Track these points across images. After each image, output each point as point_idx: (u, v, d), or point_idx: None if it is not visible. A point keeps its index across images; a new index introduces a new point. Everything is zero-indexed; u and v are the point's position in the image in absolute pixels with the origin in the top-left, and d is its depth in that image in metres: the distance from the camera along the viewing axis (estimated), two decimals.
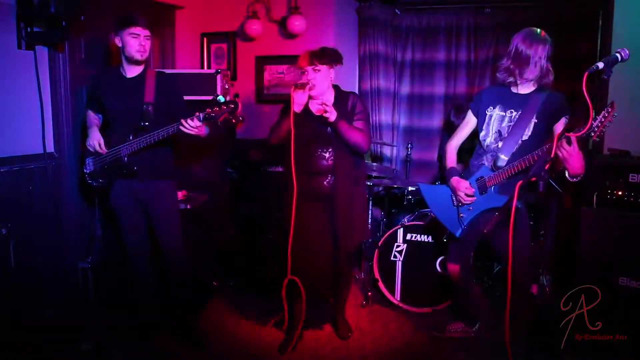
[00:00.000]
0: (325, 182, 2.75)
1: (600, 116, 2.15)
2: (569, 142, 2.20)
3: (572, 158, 2.22)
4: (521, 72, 2.55)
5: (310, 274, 2.81)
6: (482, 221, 2.65)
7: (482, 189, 2.66)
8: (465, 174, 2.75)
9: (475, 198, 2.67)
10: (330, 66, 2.71)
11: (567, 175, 2.30)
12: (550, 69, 2.55)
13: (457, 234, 2.74)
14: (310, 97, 2.72)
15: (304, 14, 4.13)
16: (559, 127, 2.52)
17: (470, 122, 2.83)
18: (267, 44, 4.36)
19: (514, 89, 2.64)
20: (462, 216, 2.72)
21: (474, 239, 2.80)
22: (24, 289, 3.00)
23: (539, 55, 2.50)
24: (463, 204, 2.71)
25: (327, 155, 2.74)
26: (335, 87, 2.82)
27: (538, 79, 2.57)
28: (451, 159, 2.84)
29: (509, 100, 2.64)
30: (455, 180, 2.72)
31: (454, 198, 2.76)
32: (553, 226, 3.49)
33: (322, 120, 2.66)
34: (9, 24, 2.94)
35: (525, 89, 2.61)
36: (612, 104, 2.16)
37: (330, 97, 2.77)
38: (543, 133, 2.57)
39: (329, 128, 2.71)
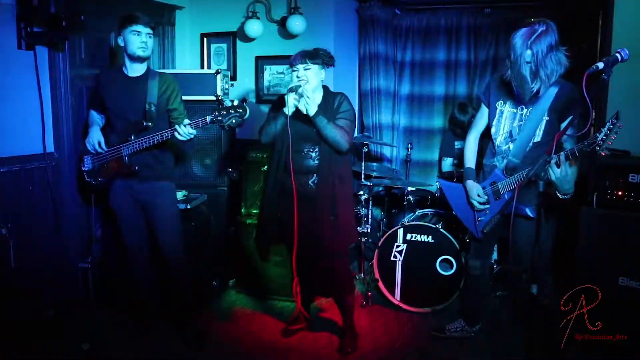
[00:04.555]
0: (310, 182, 2.75)
1: (606, 129, 2.02)
2: (558, 165, 2.14)
3: (563, 180, 2.18)
4: (523, 93, 2.36)
5: (300, 273, 2.85)
6: (501, 224, 2.63)
7: (496, 194, 2.62)
8: (480, 176, 2.72)
9: (488, 205, 2.65)
10: (321, 66, 2.71)
11: (557, 193, 2.25)
12: (560, 58, 2.31)
13: (477, 236, 2.74)
14: (301, 97, 2.69)
15: (304, 14, 4.12)
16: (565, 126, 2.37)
17: (484, 113, 2.71)
18: (267, 44, 4.35)
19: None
20: (479, 220, 2.71)
21: (493, 240, 2.83)
22: (24, 289, 3.00)
23: (538, 59, 2.27)
24: (478, 209, 2.69)
25: (313, 154, 2.74)
26: (324, 88, 2.83)
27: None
28: (470, 157, 2.77)
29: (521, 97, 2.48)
30: (470, 184, 2.70)
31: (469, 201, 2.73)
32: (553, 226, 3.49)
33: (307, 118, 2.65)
34: (9, 24, 2.94)
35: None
36: (617, 114, 2.02)
37: (318, 96, 2.78)
38: (555, 133, 2.39)
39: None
